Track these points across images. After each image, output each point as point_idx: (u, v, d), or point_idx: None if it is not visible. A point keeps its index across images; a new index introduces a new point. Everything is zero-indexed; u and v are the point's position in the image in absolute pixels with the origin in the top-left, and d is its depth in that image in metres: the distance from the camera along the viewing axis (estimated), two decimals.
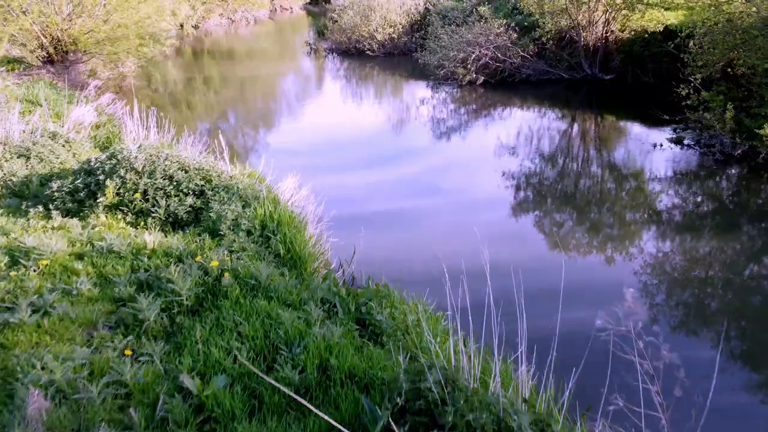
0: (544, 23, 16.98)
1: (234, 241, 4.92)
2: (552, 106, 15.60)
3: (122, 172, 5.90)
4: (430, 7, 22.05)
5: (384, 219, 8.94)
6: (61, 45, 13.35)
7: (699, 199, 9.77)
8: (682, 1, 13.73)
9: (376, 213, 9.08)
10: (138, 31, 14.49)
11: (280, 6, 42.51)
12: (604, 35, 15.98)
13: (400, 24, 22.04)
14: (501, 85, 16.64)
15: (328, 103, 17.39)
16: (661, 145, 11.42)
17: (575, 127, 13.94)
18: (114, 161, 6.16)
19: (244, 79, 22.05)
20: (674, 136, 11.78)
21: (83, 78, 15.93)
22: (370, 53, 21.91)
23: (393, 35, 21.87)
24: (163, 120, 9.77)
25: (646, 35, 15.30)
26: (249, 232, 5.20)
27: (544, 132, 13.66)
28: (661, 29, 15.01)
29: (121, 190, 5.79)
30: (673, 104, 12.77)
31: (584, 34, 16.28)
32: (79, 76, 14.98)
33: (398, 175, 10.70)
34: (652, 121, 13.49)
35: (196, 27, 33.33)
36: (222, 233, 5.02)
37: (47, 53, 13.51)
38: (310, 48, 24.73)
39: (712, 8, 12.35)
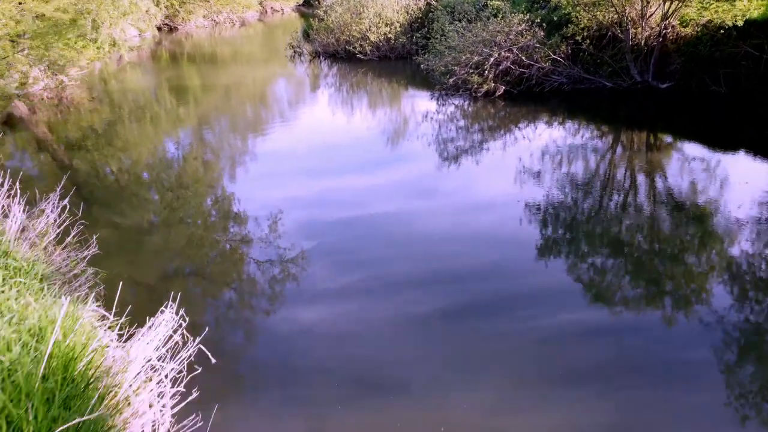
0: (578, 18, 12.68)
1: None
2: (589, 123, 11.32)
3: None
4: (433, 2, 17.68)
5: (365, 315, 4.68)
6: None
7: None
8: None
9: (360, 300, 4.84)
10: (48, 31, 10.13)
11: (271, 7, 38.07)
12: (661, 32, 11.65)
13: (398, 22, 17.67)
14: (526, 95, 12.31)
15: (305, 126, 13.08)
16: None
17: (622, 151, 9.61)
18: None
19: (215, 87, 17.71)
20: None
21: None
22: (362, 56, 17.57)
23: (389, 35, 17.52)
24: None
25: (722, 32, 10.98)
26: None
27: (580, 158, 9.40)
28: (741, 24, 10.70)
29: None
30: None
31: (634, 30, 11.97)
32: None
33: (390, 223, 6.41)
34: (728, 144, 9.36)
35: (172, 29, 28.94)
36: None
37: None
38: (294, 51, 20.36)
39: None
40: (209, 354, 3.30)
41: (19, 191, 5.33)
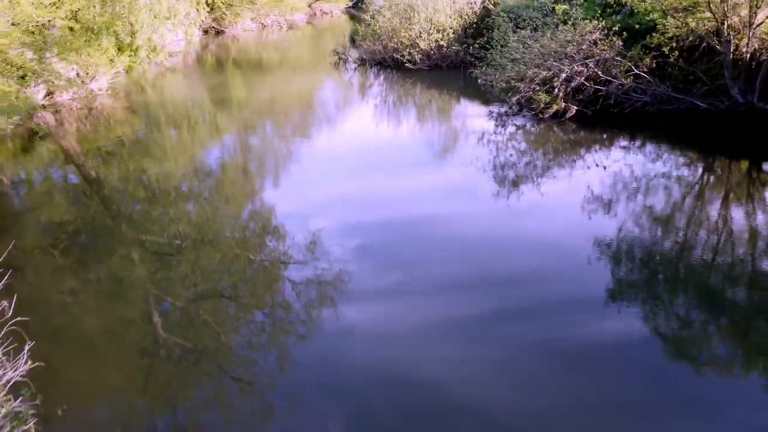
0: (664, 25, 10.64)
1: None
2: (677, 149, 9.53)
3: None
4: (491, 6, 15.82)
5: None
6: None
7: None
8: None
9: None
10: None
11: (320, 9, 36.84)
12: None
13: (451, 28, 15.92)
14: (602, 117, 10.38)
15: (349, 139, 11.57)
16: None
17: (715, 183, 7.63)
18: None
19: (258, 97, 16.42)
20: None
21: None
22: (411, 65, 15.88)
23: (441, 42, 15.78)
24: None
25: None
26: None
27: (661, 189, 7.81)
28: None
29: None
30: None
31: (736, 41, 9.87)
32: None
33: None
34: None
35: (219, 32, 28.04)
36: None
37: None
38: (339, 58, 18.86)
39: None
40: None
41: None
